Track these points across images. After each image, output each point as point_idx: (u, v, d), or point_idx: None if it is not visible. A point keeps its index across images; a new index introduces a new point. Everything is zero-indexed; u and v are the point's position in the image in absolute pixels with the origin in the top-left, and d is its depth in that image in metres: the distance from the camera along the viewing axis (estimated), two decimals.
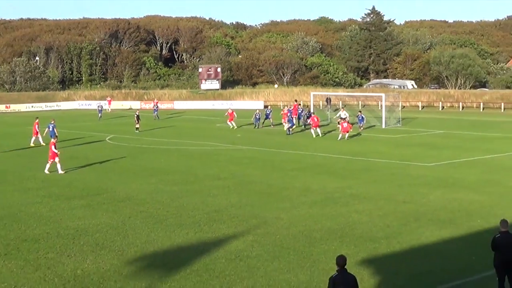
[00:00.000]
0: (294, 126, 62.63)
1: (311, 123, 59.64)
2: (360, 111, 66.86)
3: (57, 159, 38.91)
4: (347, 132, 56.10)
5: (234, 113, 68.60)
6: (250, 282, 19.28)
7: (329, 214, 27.70)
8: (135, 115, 65.64)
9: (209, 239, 24.01)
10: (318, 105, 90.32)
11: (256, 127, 66.94)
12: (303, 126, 66.16)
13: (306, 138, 58.33)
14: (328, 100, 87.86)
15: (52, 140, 40.58)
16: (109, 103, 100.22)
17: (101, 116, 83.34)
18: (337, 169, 40.49)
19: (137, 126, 64.41)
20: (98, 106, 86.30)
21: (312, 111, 69.36)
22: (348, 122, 58.45)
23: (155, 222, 26.56)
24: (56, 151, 38.96)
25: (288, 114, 62.63)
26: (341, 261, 14.71)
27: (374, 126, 67.96)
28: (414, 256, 21.63)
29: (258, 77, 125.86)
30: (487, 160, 43.93)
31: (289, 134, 59.46)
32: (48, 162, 39.16)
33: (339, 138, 55.77)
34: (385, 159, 44.18)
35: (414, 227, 25.46)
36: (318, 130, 58.85)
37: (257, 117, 68.02)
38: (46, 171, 38.90)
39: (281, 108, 66.26)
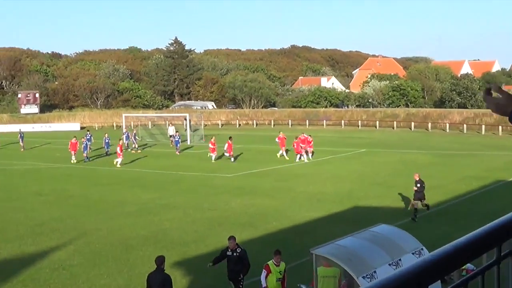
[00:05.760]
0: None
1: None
2: (177, 132, 62.69)
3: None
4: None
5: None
6: None
7: (143, 223, 27.47)
8: None
9: (33, 251, 23.10)
10: (130, 125, 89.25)
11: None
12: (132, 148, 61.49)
13: (124, 156, 57.61)
14: (188, 120, 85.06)
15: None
16: None
17: None
18: (150, 182, 40.26)
19: None
20: None
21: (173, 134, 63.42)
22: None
23: None
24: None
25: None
26: (156, 260, 15.06)
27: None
28: None
29: (74, 101, 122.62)
30: (279, 169, 45.25)
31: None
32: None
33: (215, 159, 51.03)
34: (192, 172, 44.42)
35: (219, 231, 25.74)
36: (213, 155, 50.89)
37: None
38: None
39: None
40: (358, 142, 64.96)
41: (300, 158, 49.77)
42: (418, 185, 28.16)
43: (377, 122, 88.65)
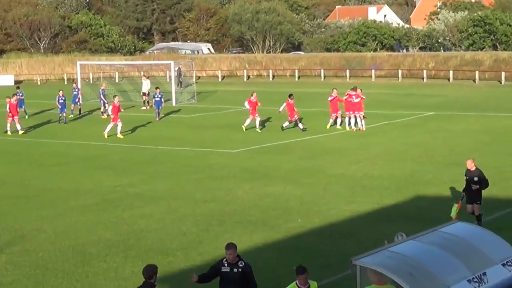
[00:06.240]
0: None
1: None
2: (158, 88, 61.09)
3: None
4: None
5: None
6: None
7: (107, 222, 27.47)
8: None
9: None
10: (88, 78, 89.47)
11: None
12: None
13: (80, 123, 57.69)
14: (179, 70, 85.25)
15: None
16: None
17: None
18: (116, 161, 40.31)
19: None
20: None
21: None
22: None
23: None
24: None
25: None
26: (144, 272, 15.22)
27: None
28: None
29: (5, 43, 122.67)
30: (305, 142, 45.17)
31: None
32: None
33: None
34: (178, 146, 44.43)
35: (218, 232, 25.70)
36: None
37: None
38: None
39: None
40: (422, 102, 64.72)
41: (341, 123, 50.13)
42: (476, 178, 25.58)
43: (451, 72, 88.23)
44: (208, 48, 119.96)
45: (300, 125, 49.62)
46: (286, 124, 49.87)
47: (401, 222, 25.95)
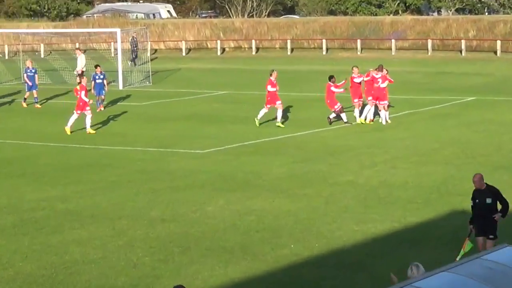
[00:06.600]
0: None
1: None
2: (98, 66, 60.75)
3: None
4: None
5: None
6: None
7: (27, 250, 27.26)
8: None
9: None
10: (2, 52, 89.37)
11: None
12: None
13: None
14: (133, 39, 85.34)
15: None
16: None
17: None
18: (41, 166, 40.24)
19: None
20: None
21: None
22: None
23: None
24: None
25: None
26: None
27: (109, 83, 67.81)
28: None
29: None
30: (302, 139, 45.24)
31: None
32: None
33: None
34: (127, 146, 44.51)
35: (181, 263, 25.53)
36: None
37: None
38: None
39: None
40: (460, 84, 64.99)
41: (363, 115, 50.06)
42: (489, 200, 24.02)
43: (498, 43, 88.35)
44: (168, 11, 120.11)
45: (332, 115, 49.57)
46: (344, 115, 49.51)
47: (431, 247, 25.95)
